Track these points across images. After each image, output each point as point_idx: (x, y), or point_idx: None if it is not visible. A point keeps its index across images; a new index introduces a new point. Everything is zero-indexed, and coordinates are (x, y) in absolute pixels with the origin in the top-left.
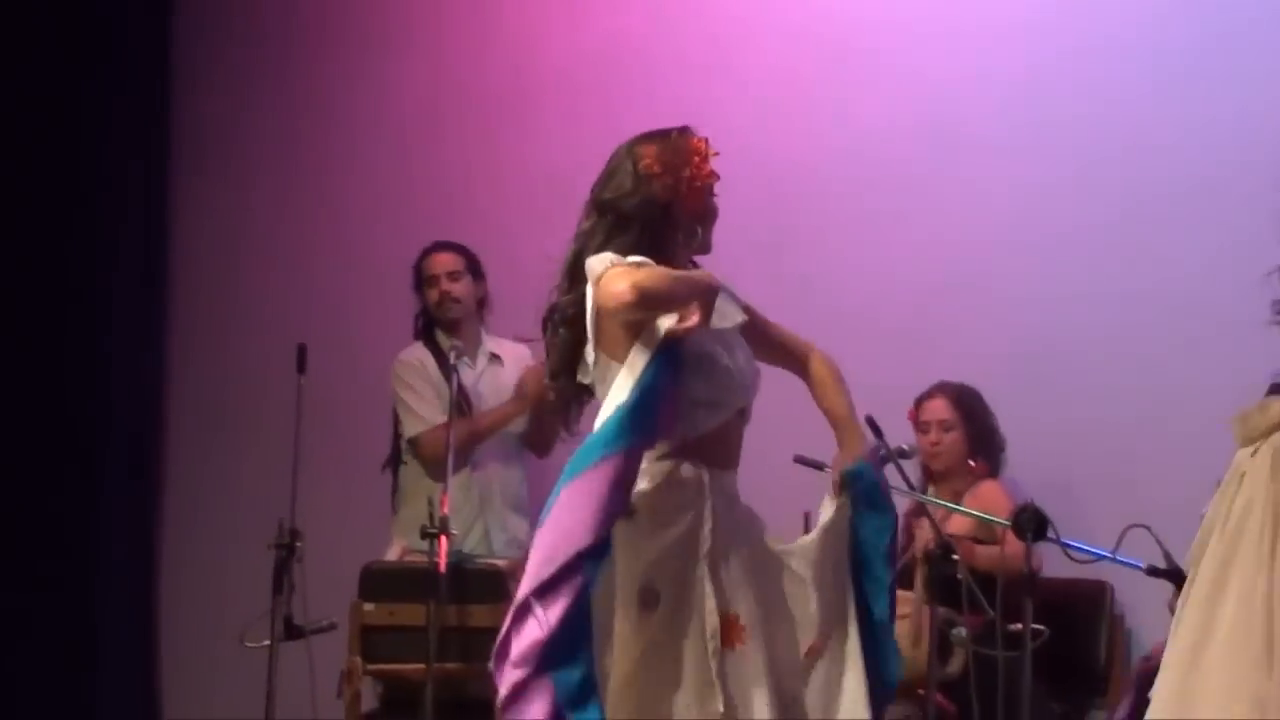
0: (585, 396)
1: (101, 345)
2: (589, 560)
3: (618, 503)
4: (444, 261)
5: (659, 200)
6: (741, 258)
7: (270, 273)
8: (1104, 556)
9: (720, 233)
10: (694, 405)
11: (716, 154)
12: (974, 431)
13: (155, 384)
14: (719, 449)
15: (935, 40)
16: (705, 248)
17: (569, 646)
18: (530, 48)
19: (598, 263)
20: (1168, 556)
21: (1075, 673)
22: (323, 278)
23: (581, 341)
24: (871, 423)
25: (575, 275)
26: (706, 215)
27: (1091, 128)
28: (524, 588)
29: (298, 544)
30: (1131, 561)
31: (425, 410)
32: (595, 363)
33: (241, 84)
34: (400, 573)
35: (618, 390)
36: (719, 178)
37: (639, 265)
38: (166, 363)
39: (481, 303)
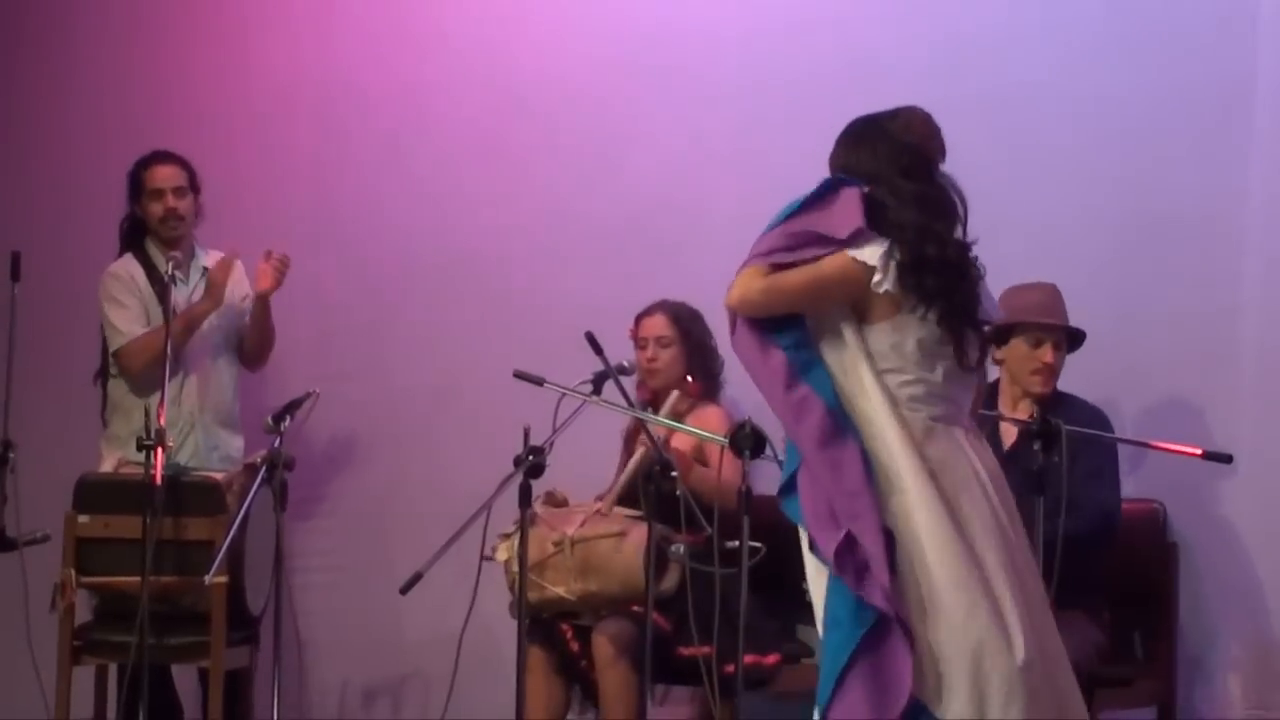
0: None
1: None
2: None
3: None
4: (168, 175)
5: None
6: (485, 171)
7: None
8: None
9: (468, 148)
10: None
11: None
12: (691, 349)
13: None
14: None
15: None
16: None
17: None
18: None
19: None
20: None
21: (790, 590)
22: (39, 185)
23: None
24: (591, 339)
25: None
26: None
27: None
28: None
29: (10, 454)
30: None
31: (127, 323)
32: None
33: None
34: (115, 484)
35: None
36: None
37: None
38: None
39: (196, 216)
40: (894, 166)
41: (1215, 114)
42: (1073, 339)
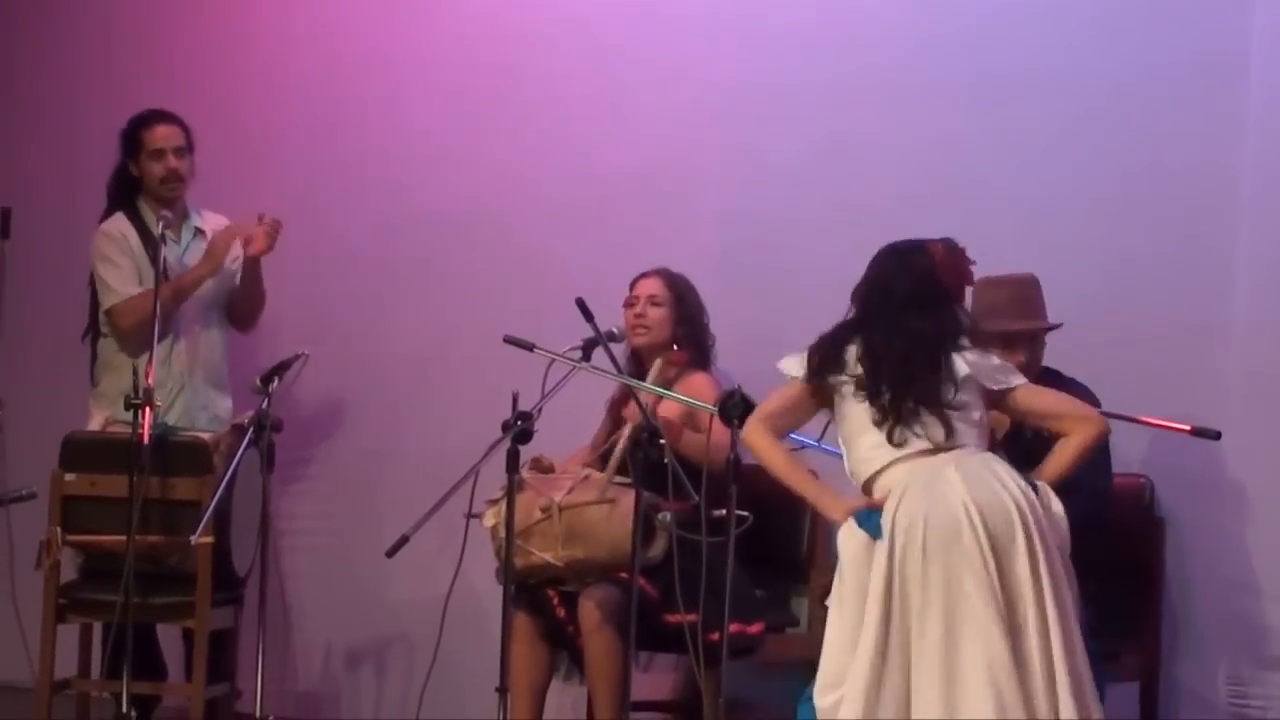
0: None
1: None
2: None
3: None
4: (169, 135)
5: None
6: (478, 136)
7: None
8: (810, 445)
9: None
10: None
11: None
12: (683, 314)
13: None
14: None
15: None
16: None
17: None
18: None
19: None
20: None
21: (778, 559)
22: (28, 143)
23: None
24: (581, 305)
25: None
26: None
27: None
28: None
29: None
30: (835, 449)
31: (120, 283)
32: None
33: None
34: (102, 443)
35: None
36: None
37: None
38: None
39: (190, 175)
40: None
41: (1207, 92)
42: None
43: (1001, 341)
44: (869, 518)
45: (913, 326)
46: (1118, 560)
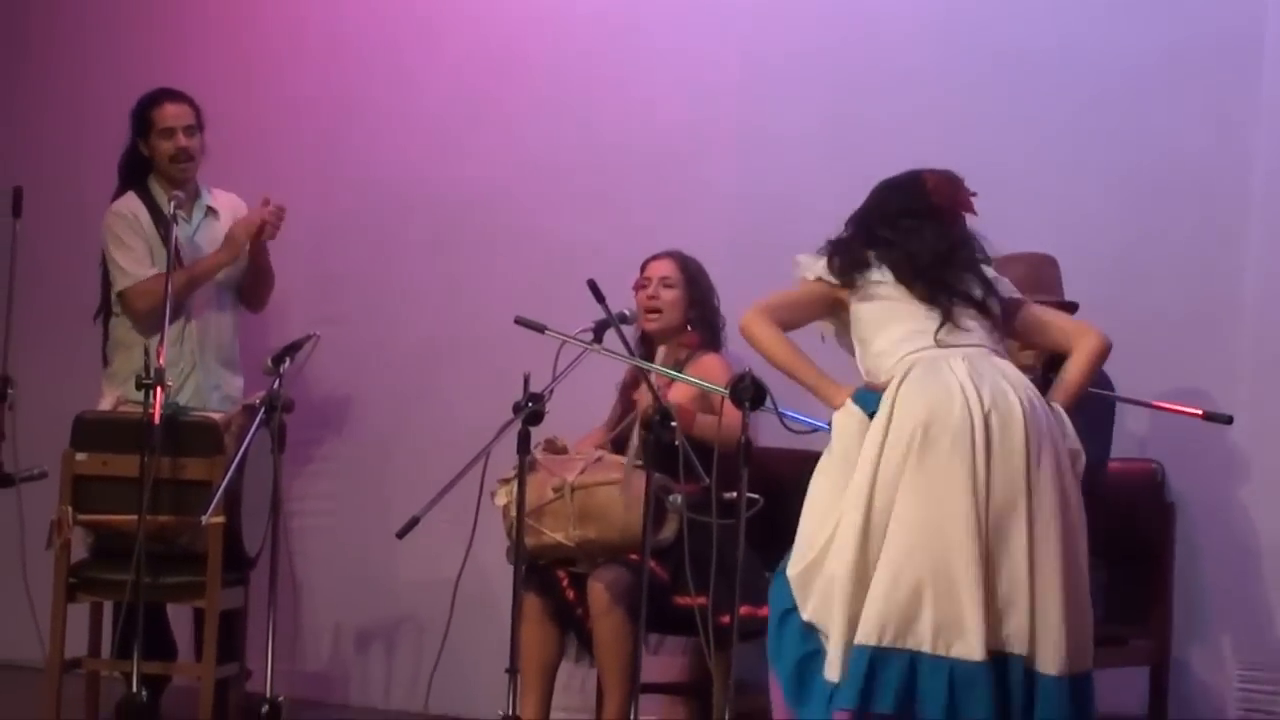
0: None
1: None
2: None
3: None
4: (179, 114)
5: None
6: (489, 116)
7: None
8: (820, 427)
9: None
10: None
11: None
12: (695, 296)
13: None
14: None
15: None
16: None
17: None
18: None
19: None
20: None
21: (789, 542)
22: (41, 121)
23: None
24: (593, 286)
25: None
26: None
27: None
28: None
29: (9, 390)
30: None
31: (132, 264)
32: None
33: None
34: (114, 423)
35: None
36: None
37: None
38: None
39: (201, 154)
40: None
41: (1221, 74)
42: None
43: None
44: (868, 398)
45: (927, 235)
46: (1128, 545)
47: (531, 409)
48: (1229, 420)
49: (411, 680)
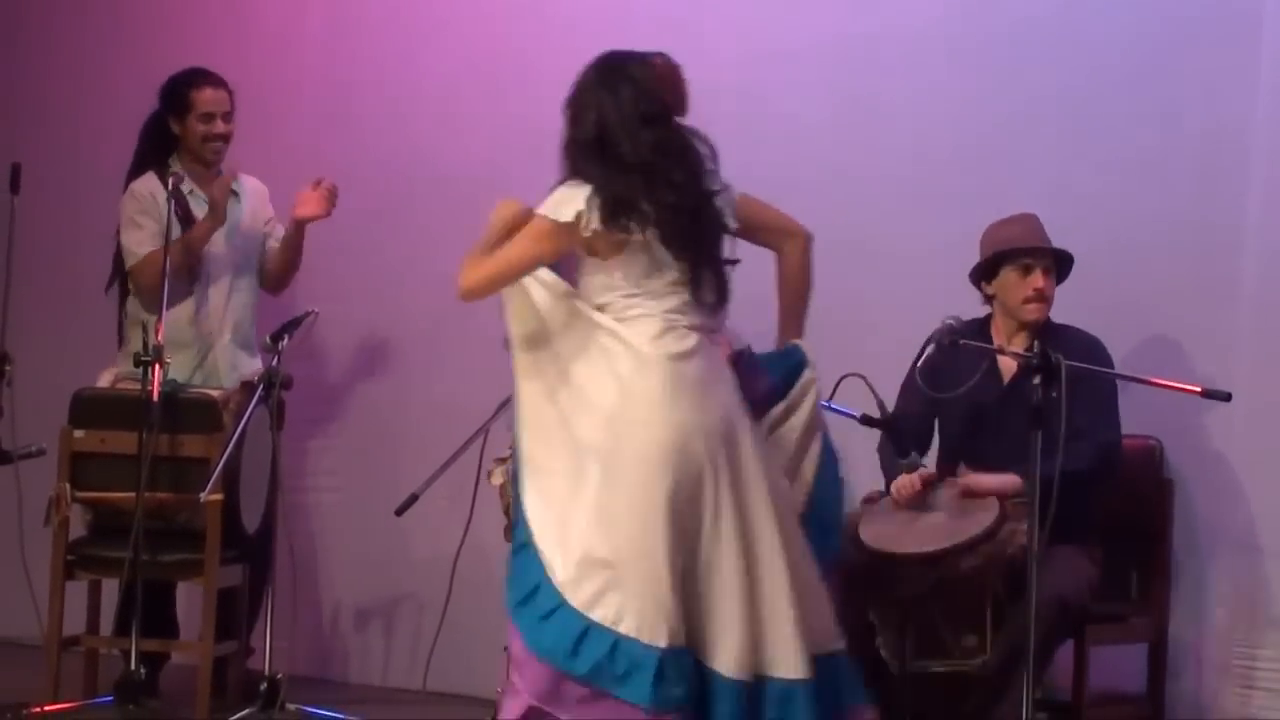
0: None
1: None
2: None
3: None
4: (220, 100)
5: None
6: (491, 88)
7: None
8: (820, 405)
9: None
10: None
11: None
12: None
13: None
14: None
15: None
16: None
17: None
18: None
19: None
20: (881, 406)
21: None
22: (40, 98)
23: None
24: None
25: None
26: None
27: None
28: None
29: (7, 367)
30: (846, 410)
31: (138, 245)
32: None
33: None
34: (112, 399)
35: None
36: None
37: None
38: None
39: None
40: (635, 113)
41: (1219, 47)
42: (1061, 265)
43: (1023, 271)
44: None
45: (675, 177)
46: (1126, 522)
47: None
48: (1227, 397)
49: (410, 658)
